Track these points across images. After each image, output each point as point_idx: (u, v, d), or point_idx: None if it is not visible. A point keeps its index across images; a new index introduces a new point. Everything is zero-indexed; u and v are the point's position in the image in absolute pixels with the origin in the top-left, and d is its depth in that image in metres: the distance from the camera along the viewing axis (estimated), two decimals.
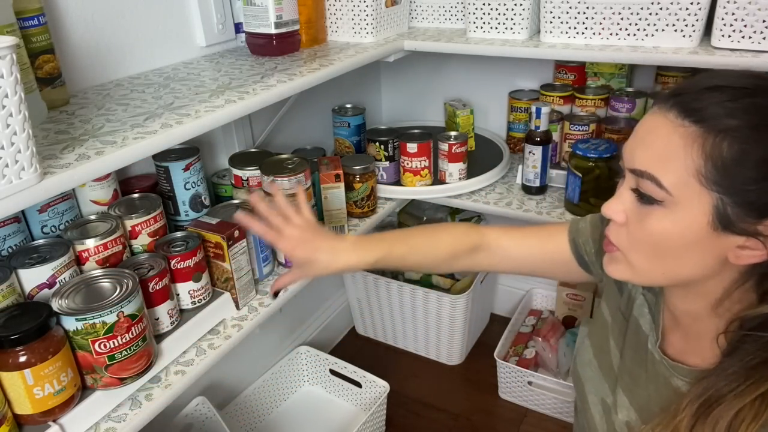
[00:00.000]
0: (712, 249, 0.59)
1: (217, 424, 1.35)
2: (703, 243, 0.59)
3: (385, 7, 1.27)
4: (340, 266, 0.84)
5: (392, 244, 0.87)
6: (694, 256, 0.60)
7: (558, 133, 1.41)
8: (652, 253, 0.63)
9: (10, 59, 0.57)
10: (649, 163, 0.59)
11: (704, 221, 0.57)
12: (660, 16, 1.06)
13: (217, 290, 1.00)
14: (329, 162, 1.21)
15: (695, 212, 0.57)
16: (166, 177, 1.03)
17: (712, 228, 0.57)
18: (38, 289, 0.80)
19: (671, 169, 0.58)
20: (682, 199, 0.58)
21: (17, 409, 0.73)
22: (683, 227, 0.59)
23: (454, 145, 1.31)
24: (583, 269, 0.85)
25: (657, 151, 0.59)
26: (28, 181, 0.61)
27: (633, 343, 0.75)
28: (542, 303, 1.90)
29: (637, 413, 0.71)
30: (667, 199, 0.58)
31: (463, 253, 0.88)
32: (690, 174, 0.56)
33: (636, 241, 0.63)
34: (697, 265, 0.61)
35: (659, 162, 0.59)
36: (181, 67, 1.09)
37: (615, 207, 0.65)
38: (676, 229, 0.59)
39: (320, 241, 0.83)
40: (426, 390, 1.72)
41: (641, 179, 0.60)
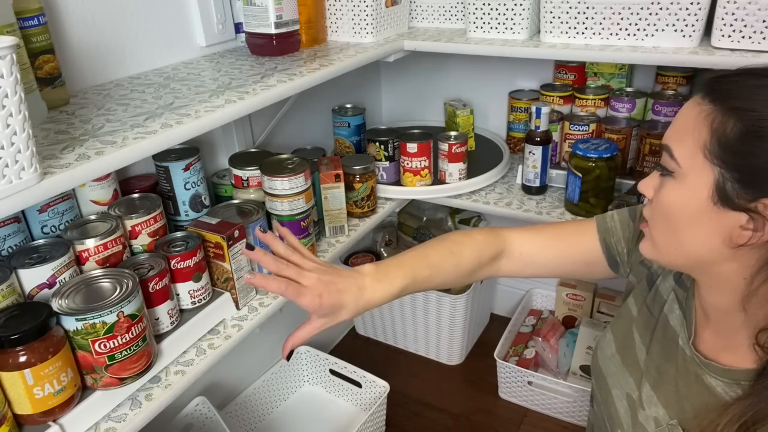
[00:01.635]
0: (716, 225, 0.60)
1: (217, 424, 1.35)
2: (706, 217, 0.60)
3: (385, 7, 1.27)
4: (366, 305, 0.76)
5: (414, 270, 0.80)
6: (700, 231, 0.62)
7: (558, 133, 1.41)
8: (665, 226, 0.65)
9: (10, 59, 0.57)
10: (670, 136, 0.64)
11: (705, 194, 0.60)
12: (660, 16, 1.06)
13: (217, 290, 1.00)
14: (329, 162, 1.21)
15: (698, 185, 0.60)
16: (166, 177, 1.03)
17: (713, 202, 0.59)
18: (38, 289, 0.80)
19: (683, 143, 0.61)
20: (689, 171, 0.61)
21: (17, 409, 0.73)
22: (687, 198, 0.61)
23: (454, 145, 1.31)
24: (611, 269, 0.86)
25: (677, 127, 0.63)
26: (28, 181, 0.61)
27: (660, 338, 0.75)
28: (542, 303, 1.90)
29: (665, 409, 0.71)
30: (677, 171, 0.62)
31: (486, 262, 0.85)
32: (698, 148, 0.59)
33: (655, 213, 0.67)
34: (704, 242, 0.62)
35: (676, 135, 0.63)
36: (181, 67, 1.09)
37: (646, 183, 0.68)
38: (681, 200, 0.62)
39: (342, 282, 0.74)
40: (426, 390, 1.72)
41: (664, 153, 0.64)
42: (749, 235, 0.58)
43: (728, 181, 0.58)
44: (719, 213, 0.59)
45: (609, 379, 0.81)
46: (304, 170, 1.07)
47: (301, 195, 1.07)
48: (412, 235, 1.83)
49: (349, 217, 1.25)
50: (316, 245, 1.17)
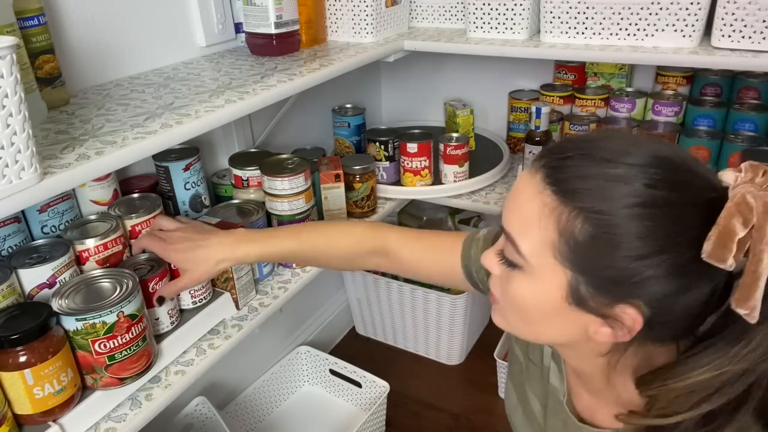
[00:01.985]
0: (572, 321, 0.56)
1: (217, 424, 1.35)
2: (562, 314, 0.56)
3: (385, 7, 1.27)
4: (218, 258, 0.83)
5: (283, 240, 0.86)
6: (557, 324, 0.58)
7: (558, 133, 1.41)
8: (518, 316, 0.61)
9: (10, 59, 0.57)
10: (512, 225, 0.57)
11: (559, 295, 0.55)
12: (660, 16, 1.06)
13: (217, 290, 1.00)
14: (329, 162, 1.21)
15: (551, 284, 0.55)
16: (166, 177, 1.03)
17: (567, 302, 0.55)
18: (38, 289, 0.80)
19: (529, 237, 0.55)
20: (539, 268, 0.55)
21: (17, 409, 0.73)
22: (540, 297, 0.56)
23: (449, 146, 1.31)
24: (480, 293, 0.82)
25: (520, 215, 0.57)
26: (28, 181, 0.61)
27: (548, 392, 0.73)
28: None
29: None
30: (525, 266, 0.56)
31: (360, 256, 0.86)
32: (546, 246, 0.54)
33: (505, 299, 0.61)
34: (562, 333, 0.59)
35: (520, 226, 0.56)
36: (181, 67, 1.09)
37: (491, 259, 0.62)
38: (534, 297, 0.57)
39: (202, 239, 0.84)
40: (426, 390, 1.72)
41: (507, 242, 0.58)
42: (608, 334, 0.55)
43: (581, 284, 0.53)
44: (575, 312, 0.55)
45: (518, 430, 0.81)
46: (304, 170, 1.07)
47: (301, 195, 1.07)
48: None
49: (349, 217, 1.25)
50: None
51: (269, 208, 1.08)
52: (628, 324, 0.53)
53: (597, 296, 0.53)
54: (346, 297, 1.91)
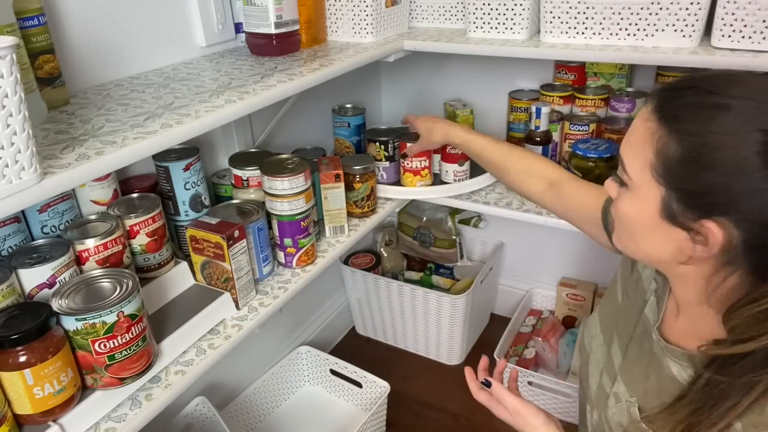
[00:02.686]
0: (666, 237, 0.63)
1: (217, 424, 1.35)
2: (657, 229, 0.63)
3: (385, 7, 1.27)
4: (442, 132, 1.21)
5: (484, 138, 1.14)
6: (653, 239, 0.65)
7: (558, 133, 1.41)
8: (624, 230, 0.69)
9: (10, 59, 0.57)
10: (624, 148, 0.66)
11: (654, 209, 0.62)
12: (660, 16, 1.06)
13: (217, 290, 1.00)
14: (329, 162, 1.21)
15: (648, 200, 0.63)
16: (166, 177, 1.03)
17: (661, 217, 0.62)
18: (38, 289, 0.80)
19: (635, 158, 0.63)
20: (640, 185, 0.63)
21: (17, 409, 0.73)
22: (639, 210, 0.64)
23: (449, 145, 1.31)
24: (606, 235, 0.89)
25: (630, 139, 0.65)
26: (28, 181, 0.61)
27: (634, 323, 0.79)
28: (542, 303, 1.90)
29: (626, 386, 0.76)
30: (630, 184, 0.65)
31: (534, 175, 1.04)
32: (646, 165, 0.62)
33: (617, 218, 0.70)
34: (658, 249, 0.65)
35: (629, 149, 0.65)
36: (181, 67, 1.09)
37: (609, 184, 0.71)
38: (634, 211, 0.65)
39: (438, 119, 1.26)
40: (426, 390, 1.72)
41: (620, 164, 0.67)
42: (692, 249, 0.61)
43: (673, 200, 0.61)
44: (667, 227, 0.62)
45: (591, 357, 0.87)
46: (304, 170, 1.07)
47: (301, 195, 1.07)
48: (412, 235, 1.83)
49: (349, 217, 1.25)
50: (316, 245, 1.17)
51: (269, 208, 1.08)
52: (710, 240, 0.59)
53: (685, 212, 0.60)
54: (346, 297, 1.91)
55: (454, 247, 1.81)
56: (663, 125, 0.60)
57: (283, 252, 1.11)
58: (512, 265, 1.92)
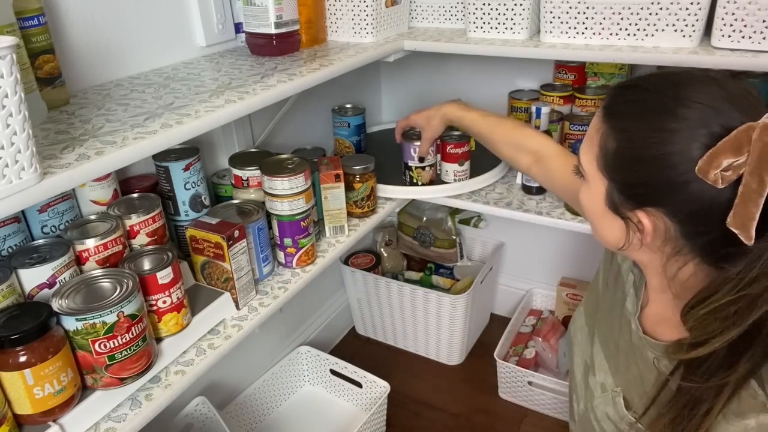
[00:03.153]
0: (613, 225, 0.68)
1: (217, 424, 1.35)
2: (605, 218, 0.69)
3: (385, 7, 1.27)
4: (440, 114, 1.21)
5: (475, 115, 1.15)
6: (606, 226, 0.70)
7: (558, 133, 1.41)
8: (587, 217, 0.75)
9: (10, 59, 0.57)
10: (582, 145, 0.71)
11: (601, 199, 0.68)
12: (660, 16, 1.06)
13: (217, 290, 1.00)
14: (329, 162, 1.21)
15: (597, 191, 0.68)
16: (166, 177, 1.03)
17: (607, 207, 0.68)
18: (38, 289, 0.80)
19: (586, 151, 0.69)
20: (591, 177, 0.69)
21: (17, 409, 0.73)
22: (592, 200, 0.70)
23: (449, 145, 1.31)
24: None
25: (586, 136, 0.70)
26: (28, 181, 0.61)
27: (618, 314, 0.81)
28: (542, 303, 1.90)
29: (612, 377, 0.79)
30: (585, 176, 0.71)
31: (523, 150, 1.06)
32: (593, 158, 0.68)
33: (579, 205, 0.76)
34: (610, 236, 0.70)
35: (584, 144, 0.70)
36: (181, 67, 1.09)
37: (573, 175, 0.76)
38: (588, 201, 0.71)
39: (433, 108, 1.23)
40: (426, 390, 1.72)
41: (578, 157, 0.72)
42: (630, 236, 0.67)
43: (614, 191, 0.66)
44: (612, 216, 0.68)
45: (575, 348, 0.90)
46: (304, 170, 1.07)
47: (301, 195, 1.07)
48: (412, 235, 1.83)
49: (349, 217, 1.25)
50: (316, 245, 1.17)
51: (269, 208, 1.08)
52: (642, 228, 0.64)
53: (624, 202, 0.65)
54: (346, 297, 1.91)
55: (454, 247, 1.81)
56: (605, 121, 0.66)
57: (283, 252, 1.11)
58: (512, 265, 1.92)
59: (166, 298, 0.87)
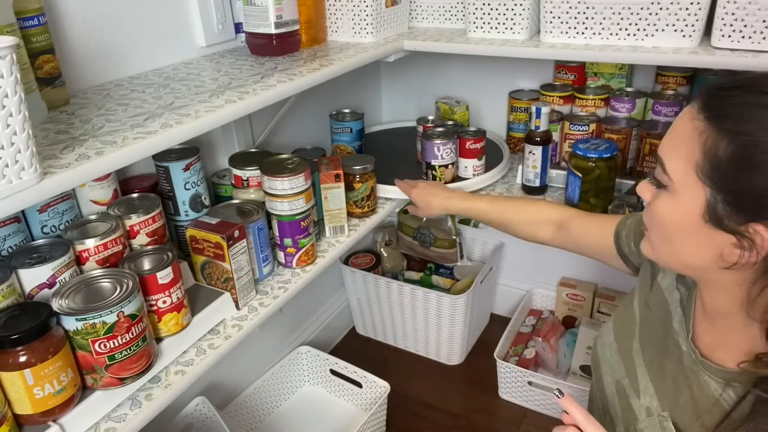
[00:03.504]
0: (708, 241, 0.61)
1: (217, 424, 1.35)
2: (698, 233, 0.61)
3: (385, 7, 1.27)
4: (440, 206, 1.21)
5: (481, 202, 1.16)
6: (693, 244, 0.63)
7: (558, 133, 1.41)
8: (660, 235, 0.67)
9: (10, 59, 0.57)
10: (664, 149, 0.64)
11: (697, 212, 0.60)
12: (660, 16, 1.06)
13: (217, 290, 1.00)
14: (329, 162, 1.21)
15: (691, 202, 0.61)
16: (166, 177, 1.03)
17: (704, 221, 0.60)
18: (38, 289, 0.80)
19: (677, 158, 0.61)
20: (682, 187, 0.61)
21: (17, 409, 0.73)
22: (680, 214, 0.62)
23: (468, 141, 1.33)
24: (622, 260, 0.92)
25: (672, 140, 0.63)
26: (28, 181, 0.61)
27: (660, 334, 0.77)
28: (542, 303, 1.90)
29: (659, 401, 0.74)
30: (670, 185, 0.63)
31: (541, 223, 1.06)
32: (690, 166, 0.60)
33: (651, 222, 0.68)
34: (697, 254, 0.63)
35: (671, 149, 0.63)
36: (181, 67, 1.09)
37: (644, 187, 0.69)
38: (674, 215, 0.63)
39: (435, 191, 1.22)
40: (426, 390, 1.72)
41: (658, 165, 0.65)
42: (739, 254, 0.59)
43: (719, 202, 0.58)
44: (711, 231, 0.60)
45: (603, 366, 0.85)
46: (304, 170, 1.07)
47: (301, 195, 1.07)
48: (412, 235, 1.83)
49: (349, 217, 1.25)
50: (316, 245, 1.17)
51: (269, 208, 1.08)
52: (758, 244, 0.57)
53: (732, 215, 0.58)
54: (346, 297, 1.91)
55: (454, 247, 1.81)
56: (712, 124, 0.58)
57: (283, 252, 1.11)
58: (512, 265, 1.92)
59: (166, 298, 0.87)
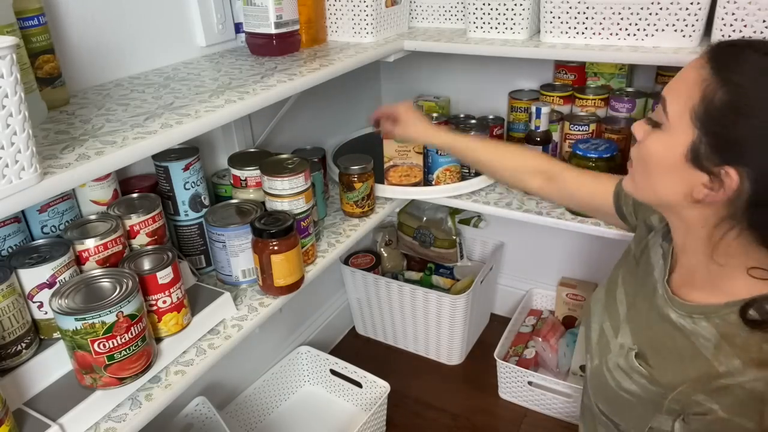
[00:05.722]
0: (682, 178, 0.68)
1: (217, 424, 1.35)
2: (677, 170, 0.68)
3: (385, 7, 1.27)
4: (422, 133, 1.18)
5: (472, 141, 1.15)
6: (669, 179, 0.70)
7: (558, 133, 1.41)
8: (644, 170, 0.73)
9: (10, 59, 0.57)
10: (670, 89, 0.70)
11: (681, 151, 0.67)
12: (660, 16, 1.06)
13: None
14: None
15: (678, 141, 0.67)
16: (165, 177, 1.03)
17: (685, 159, 0.67)
18: (38, 288, 0.80)
19: (678, 100, 0.67)
20: (675, 126, 0.67)
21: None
22: (666, 151, 0.69)
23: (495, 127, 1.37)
24: (620, 219, 0.97)
25: (677, 82, 0.69)
26: (28, 181, 0.61)
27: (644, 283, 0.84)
28: (542, 303, 1.90)
29: (632, 337, 0.81)
30: (666, 124, 0.69)
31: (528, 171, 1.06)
32: (687, 107, 0.66)
33: (638, 156, 0.74)
34: (671, 190, 0.70)
35: (674, 91, 0.69)
36: (181, 67, 1.09)
37: (639, 126, 0.75)
38: (661, 152, 0.70)
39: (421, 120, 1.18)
40: (426, 390, 1.72)
41: (659, 104, 0.70)
42: (706, 193, 0.66)
43: (703, 144, 0.65)
44: (689, 169, 0.67)
45: (593, 317, 0.92)
46: (304, 170, 1.07)
47: (301, 195, 1.07)
48: (412, 235, 1.83)
49: (349, 217, 1.25)
50: (316, 245, 1.17)
51: (269, 208, 1.08)
52: (726, 185, 0.64)
53: (711, 156, 0.64)
54: (346, 297, 1.91)
55: (454, 247, 1.81)
56: (715, 74, 0.64)
57: None
58: (512, 265, 1.92)
59: (166, 298, 0.87)
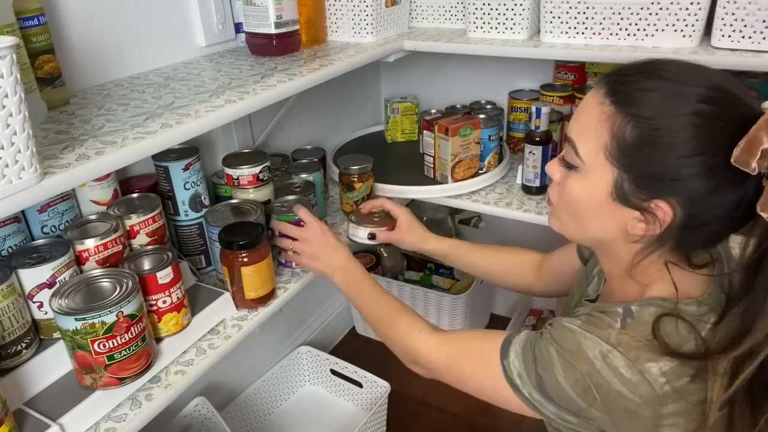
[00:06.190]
0: (613, 217, 0.67)
1: (217, 424, 1.35)
2: (605, 210, 0.67)
3: (385, 7, 1.27)
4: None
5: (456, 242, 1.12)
6: (599, 220, 0.69)
7: (558, 133, 1.41)
8: (569, 212, 0.72)
9: (10, 59, 0.57)
10: (574, 131, 0.69)
11: (606, 191, 0.66)
12: (660, 16, 1.06)
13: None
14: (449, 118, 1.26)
15: (599, 181, 0.66)
16: (165, 177, 1.03)
17: (611, 198, 0.66)
18: (38, 288, 0.80)
19: (587, 140, 0.66)
20: (592, 168, 0.66)
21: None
22: (589, 193, 0.68)
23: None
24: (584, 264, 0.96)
25: (581, 123, 0.68)
26: (28, 181, 0.61)
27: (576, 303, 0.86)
28: (542, 303, 1.90)
29: None
30: (581, 166, 0.68)
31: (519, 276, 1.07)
32: (600, 148, 0.65)
33: (561, 199, 0.73)
34: (602, 229, 0.70)
35: (581, 132, 0.68)
36: (181, 67, 1.09)
37: (553, 166, 0.74)
38: (584, 193, 0.68)
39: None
40: (426, 390, 1.71)
41: (568, 145, 0.69)
42: (643, 228, 0.65)
43: (626, 181, 0.64)
44: (617, 208, 0.66)
45: None
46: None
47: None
48: None
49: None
50: None
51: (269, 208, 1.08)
52: (660, 217, 0.63)
53: (637, 192, 0.64)
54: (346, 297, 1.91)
55: None
56: (618, 109, 0.63)
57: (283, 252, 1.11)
58: None
59: (166, 298, 0.87)
